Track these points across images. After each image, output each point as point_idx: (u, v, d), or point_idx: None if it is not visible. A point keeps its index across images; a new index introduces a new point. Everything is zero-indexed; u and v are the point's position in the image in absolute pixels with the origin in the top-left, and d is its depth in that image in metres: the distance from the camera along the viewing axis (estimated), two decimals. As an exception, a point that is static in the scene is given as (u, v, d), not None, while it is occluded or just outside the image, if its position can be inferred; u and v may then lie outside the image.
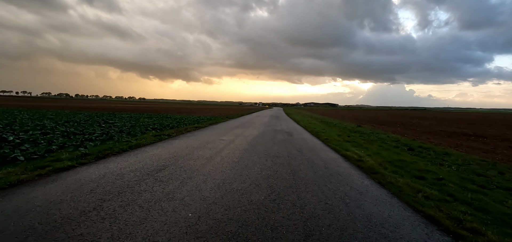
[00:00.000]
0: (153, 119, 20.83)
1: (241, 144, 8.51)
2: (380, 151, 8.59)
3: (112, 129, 12.38)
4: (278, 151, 7.55)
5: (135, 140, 8.33)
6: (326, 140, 10.55)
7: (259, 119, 24.42)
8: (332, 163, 6.37)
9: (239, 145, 8.17)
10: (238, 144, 8.37)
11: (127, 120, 19.06)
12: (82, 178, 4.20)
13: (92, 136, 9.38)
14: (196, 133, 11.40)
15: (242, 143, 8.63)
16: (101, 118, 19.36)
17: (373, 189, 4.38)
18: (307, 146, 8.82)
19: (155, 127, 14.27)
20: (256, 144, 8.68)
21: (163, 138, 9.26)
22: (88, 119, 18.34)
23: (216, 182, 4.28)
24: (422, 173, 5.68)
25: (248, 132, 12.40)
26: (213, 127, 14.57)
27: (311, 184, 4.44)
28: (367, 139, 11.67)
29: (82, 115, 23.26)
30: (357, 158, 7.07)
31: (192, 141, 8.66)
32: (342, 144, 9.73)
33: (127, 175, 4.43)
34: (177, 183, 4.15)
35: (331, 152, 8.02)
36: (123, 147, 6.90)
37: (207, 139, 9.39)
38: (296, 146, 8.75)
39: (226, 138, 9.83)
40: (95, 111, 30.75)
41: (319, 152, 7.76)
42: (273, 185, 4.26)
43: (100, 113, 27.90)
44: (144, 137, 9.25)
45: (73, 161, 5.22)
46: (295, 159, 6.55)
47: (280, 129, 14.76)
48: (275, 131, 13.37)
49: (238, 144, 8.48)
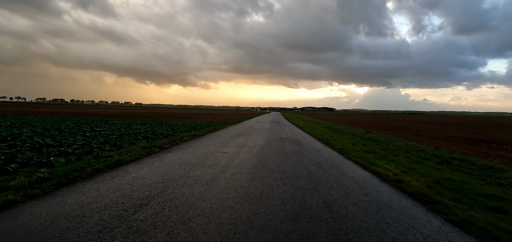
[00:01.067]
0: (147, 126, 19.28)
1: (247, 158, 7.08)
2: (412, 165, 7.22)
3: (97, 138, 10.87)
4: (294, 167, 6.14)
5: (118, 154, 6.84)
6: (342, 151, 9.17)
7: (260, 125, 23.02)
8: (367, 184, 4.97)
9: (245, 160, 6.73)
10: (243, 159, 6.94)
11: (118, 127, 17.51)
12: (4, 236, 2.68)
13: (69, 148, 7.88)
14: (193, 143, 9.93)
15: (248, 157, 7.20)
16: (89, 126, 17.77)
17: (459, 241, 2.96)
18: (324, 159, 7.42)
19: (147, 135, 12.77)
20: (265, 157, 7.25)
21: (154, 150, 7.79)
22: (75, 126, 16.75)
23: (223, 231, 2.84)
24: (493, 201, 4.30)
25: (252, 141, 10.97)
26: (212, 135, 13.12)
27: (362, 229, 3.03)
28: (387, 148, 10.32)
29: (71, 122, 21.62)
30: (393, 175, 5.69)
31: (188, 155, 7.20)
32: (362, 155, 8.36)
33: (88, 221, 2.95)
34: (163, 234, 2.71)
35: (356, 167, 6.63)
36: (100, 165, 5.42)
37: (205, 151, 7.94)
38: (312, 159, 7.35)
39: (228, 149, 8.38)
40: (86, 118, 29.07)
41: (343, 168, 6.36)
42: (309, 233, 2.84)
43: (91, 119, 26.24)
44: (130, 150, 7.78)
45: (19, 192, 3.75)
46: (319, 180, 5.14)
47: (285, 137, 13.36)
48: (282, 140, 11.97)
49: (243, 158, 7.05)
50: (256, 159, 6.99)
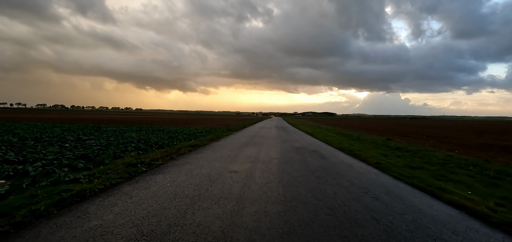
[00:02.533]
0: (141, 134, 17.37)
1: (267, 181, 5.15)
2: (490, 188, 5.31)
3: (76, 150, 8.96)
4: (339, 199, 4.21)
5: (88, 178, 4.90)
6: (379, 166, 7.26)
7: (266, 132, 21.09)
8: (471, 233, 3.06)
9: (266, 186, 4.81)
10: (262, 183, 5.01)
11: (109, 135, 15.60)
12: None
13: (30, 166, 5.98)
14: (192, 156, 8.02)
15: (269, 180, 5.27)
16: (76, 133, 15.86)
17: None
18: (369, 181, 5.49)
19: (139, 145, 10.86)
20: (291, 180, 5.32)
21: (140, 169, 5.86)
22: (60, 134, 14.84)
23: None
24: None
25: (264, 153, 9.05)
26: (215, 145, 11.19)
27: None
28: (431, 161, 8.38)
29: (59, 128, 19.71)
30: (492, 212, 3.79)
31: (185, 178, 5.27)
32: (411, 172, 6.43)
33: None
34: None
35: (422, 194, 4.71)
36: (46, 202, 3.50)
37: (209, 170, 6.02)
38: (352, 180, 5.43)
39: (238, 167, 6.46)
40: (80, 124, 27.17)
41: (408, 198, 4.42)
42: None
43: (83, 125, 24.34)
44: (109, 169, 5.86)
45: None
46: (396, 228, 3.22)
47: (300, 146, 11.45)
48: (298, 150, 10.04)
49: (262, 181, 5.12)
50: (280, 182, 5.06)
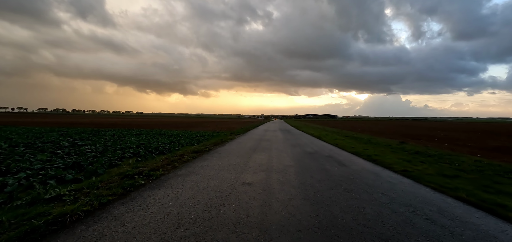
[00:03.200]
0: (141, 138, 16.54)
1: (289, 197, 4.29)
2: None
3: (68, 157, 8.13)
4: (383, 219, 3.34)
5: (73, 196, 4.05)
6: (408, 173, 6.40)
7: (272, 135, 20.23)
8: None
9: (289, 203, 3.95)
10: (284, 199, 4.15)
11: (107, 139, 14.78)
12: None
13: (10, 178, 5.15)
14: (197, 164, 7.17)
15: (291, 195, 4.40)
16: (73, 138, 15.05)
17: None
18: (406, 194, 4.61)
19: (138, 151, 10.02)
20: (318, 195, 4.45)
21: (138, 182, 5.00)
22: (55, 139, 14.03)
23: None
24: None
25: (275, 159, 8.19)
26: (220, 150, 10.34)
27: None
28: (460, 167, 7.48)
29: (56, 133, 18.93)
30: None
31: (190, 193, 4.40)
32: (454, 184, 5.56)
33: None
34: None
35: (481, 213, 3.82)
36: (13, 233, 2.67)
37: (217, 182, 5.16)
38: (390, 195, 4.55)
39: (251, 177, 5.59)
40: (78, 128, 26.39)
41: (467, 218, 3.54)
42: None
43: (82, 129, 23.55)
44: (102, 181, 5.02)
45: None
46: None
47: (312, 151, 10.58)
48: (312, 156, 9.17)
49: (283, 197, 4.25)
50: (306, 199, 4.19)
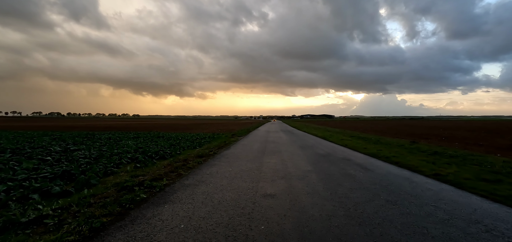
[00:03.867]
0: (139, 141, 15.64)
1: (326, 213, 3.48)
2: None
3: (58, 164, 7.25)
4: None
5: (55, 220, 3.21)
6: (440, 177, 5.67)
7: (275, 136, 19.44)
8: None
9: (330, 222, 3.14)
10: (322, 217, 3.35)
11: (102, 143, 13.86)
12: None
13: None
14: (205, 171, 6.35)
15: (327, 210, 3.59)
16: (66, 143, 14.10)
17: None
18: (459, 205, 3.85)
19: (137, 155, 9.16)
20: (360, 209, 3.64)
21: (139, 196, 4.17)
22: (47, 144, 13.09)
23: None
24: None
25: (290, 164, 7.40)
26: (226, 154, 9.53)
27: None
28: (494, 169, 6.76)
29: (48, 137, 17.91)
30: None
31: (204, 211, 3.58)
32: (497, 188, 4.83)
33: None
34: None
35: None
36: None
37: (234, 195, 4.33)
38: (441, 206, 3.77)
39: (270, 188, 4.79)
40: (72, 131, 25.33)
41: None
42: None
43: (76, 133, 22.52)
44: (93, 196, 4.18)
45: None
46: None
47: (325, 153, 9.81)
48: (326, 159, 8.41)
49: (320, 215, 3.45)
50: (348, 216, 3.39)
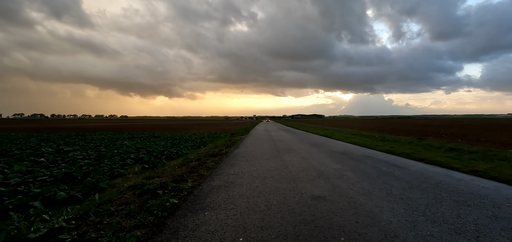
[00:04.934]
0: (136, 141, 14.75)
1: (410, 219, 2.96)
2: None
3: (55, 166, 6.42)
4: None
5: (73, 234, 2.56)
6: (479, 173, 5.33)
7: (277, 135, 18.92)
8: None
9: (426, 237, 2.66)
10: (406, 224, 2.81)
11: (97, 144, 12.90)
12: None
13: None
14: (227, 171, 5.74)
15: (408, 217, 3.02)
16: (57, 144, 13.04)
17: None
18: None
19: (141, 155, 8.40)
20: (447, 218, 3.12)
21: (168, 201, 3.53)
22: (36, 145, 12.01)
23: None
24: None
25: (314, 161, 6.88)
26: (240, 153, 8.92)
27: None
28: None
29: (35, 139, 16.63)
30: None
31: (256, 218, 2.93)
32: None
33: None
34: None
35: None
36: None
37: (277, 197, 3.75)
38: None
39: (313, 188, 4.24)
40: (60, 133, 23.88)
41: None
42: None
43: (64, 134, 21.18)
44: (109, 202, 3.51)
45: None
46: None
47: (341, 151, 9.36)
48: (347, 156, 7.95)
49: (398, 221, 2.92)
50: (436, 222, 2.88)
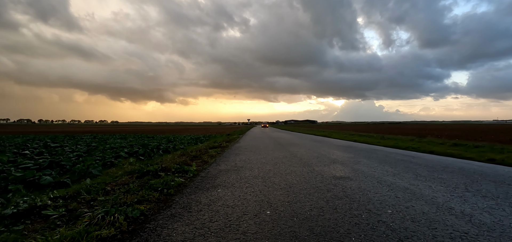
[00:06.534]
0: (129, 140, 14.10)
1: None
2: None
3: (43, 157, 5.82)
4: None
5: (57, 214, 2.11)
6: (491, 160, 5.08)
7: (275, 134, 18.50)
8: None
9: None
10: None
11: (88, 142, 12.19)
12: None
13: None
14: (233, 159, 5.29)
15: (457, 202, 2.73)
16: (44, 141, 12.26)
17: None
18: None
19: (136, 149, 7.85)
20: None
21: (173, 180, 3.06)
22: (21, 143, 11.23)
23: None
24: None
25: (324, 151, 6.48)
26: (242, 146, 8.48)
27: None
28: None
29: (20, 139, 15.70)
30: None
31: (281, 196, 2.58)
32: None
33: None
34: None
35: None
36: None
37: (297, 178, 3.33)
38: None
39: (333, 171, 3.85)
40: (48, 135, 22.79)
41: None
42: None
43: (52, 136, 20.19)
44: (105, 183, 3.04)
45: None
46: None
47: (346, 145, 9.00)
48: (354, 148, 7.57)
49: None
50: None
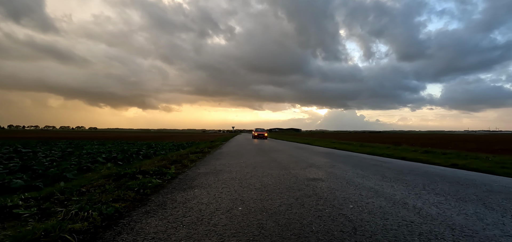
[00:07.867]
0: (108, 146, 13.61)
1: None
2: None
3: (13, 162, 5.54)
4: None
5: (28, 213, 2.09)
6: (476, 170, 5.52)
7: (258, 141, 18.60)
8: None
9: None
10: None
11: (63, 148, 11.62)
12: None
13: None
14: (213, 163, 5.32)
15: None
16: (14, 147, 11.53)
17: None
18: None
19: (114, 155, 7.66)
20: None
21: (150, 181, 3.05)
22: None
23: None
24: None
25: (304, 157, 6.69)
26: (224, 152, 8.49)
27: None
28: None
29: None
30: None
31: (255, 195, 2.70)
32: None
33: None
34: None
35: None
36: None
37: (272, 180, 3.45)
38: None
39: (308, 173, 4.05)
40: (20, 140, 21.38)
41: None
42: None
43: (24, 141, 18.97)
44: (81, 186, 3.00)
45: None
46: None
47: (326, 152, 9.32)
48: (332, 154, 7.88)
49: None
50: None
